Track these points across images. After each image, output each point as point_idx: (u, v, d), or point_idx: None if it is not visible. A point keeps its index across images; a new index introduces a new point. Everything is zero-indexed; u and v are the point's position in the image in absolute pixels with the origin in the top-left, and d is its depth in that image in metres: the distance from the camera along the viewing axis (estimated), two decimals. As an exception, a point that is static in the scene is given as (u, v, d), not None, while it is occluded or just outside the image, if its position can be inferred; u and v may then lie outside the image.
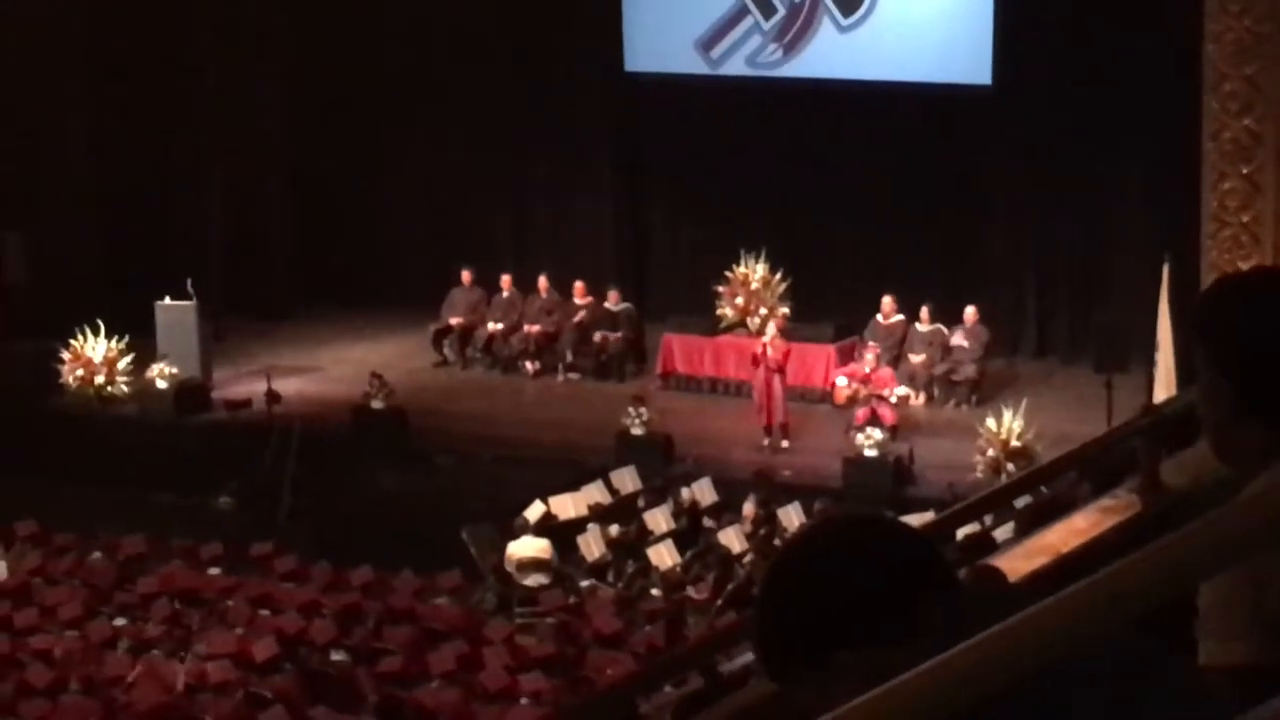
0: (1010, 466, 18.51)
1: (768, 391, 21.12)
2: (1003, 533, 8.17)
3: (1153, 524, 6.11)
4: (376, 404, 22.16)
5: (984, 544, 6.80)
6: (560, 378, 24.01)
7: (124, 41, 25.49)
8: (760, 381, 21.20)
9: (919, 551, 2.40)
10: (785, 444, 21.01)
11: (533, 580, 17.98)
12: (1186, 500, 6.08)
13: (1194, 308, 2.99)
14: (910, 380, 21.92)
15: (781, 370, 21.19)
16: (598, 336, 23.78)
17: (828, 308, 23.56)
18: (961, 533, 7.17)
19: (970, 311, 22.27)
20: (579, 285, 24.23)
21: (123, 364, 23.31)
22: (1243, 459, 2.85)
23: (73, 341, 23.33)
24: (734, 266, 23.40)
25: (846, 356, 22.28)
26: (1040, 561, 6.13)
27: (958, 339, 22.25)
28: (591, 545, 18.74)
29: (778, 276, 23.32)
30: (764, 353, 21.15)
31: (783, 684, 2.40)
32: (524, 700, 14.61)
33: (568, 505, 19.33)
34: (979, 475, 18.85)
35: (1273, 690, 2.56)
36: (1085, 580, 1.93)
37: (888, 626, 2.30)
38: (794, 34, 24.12)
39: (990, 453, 19.27)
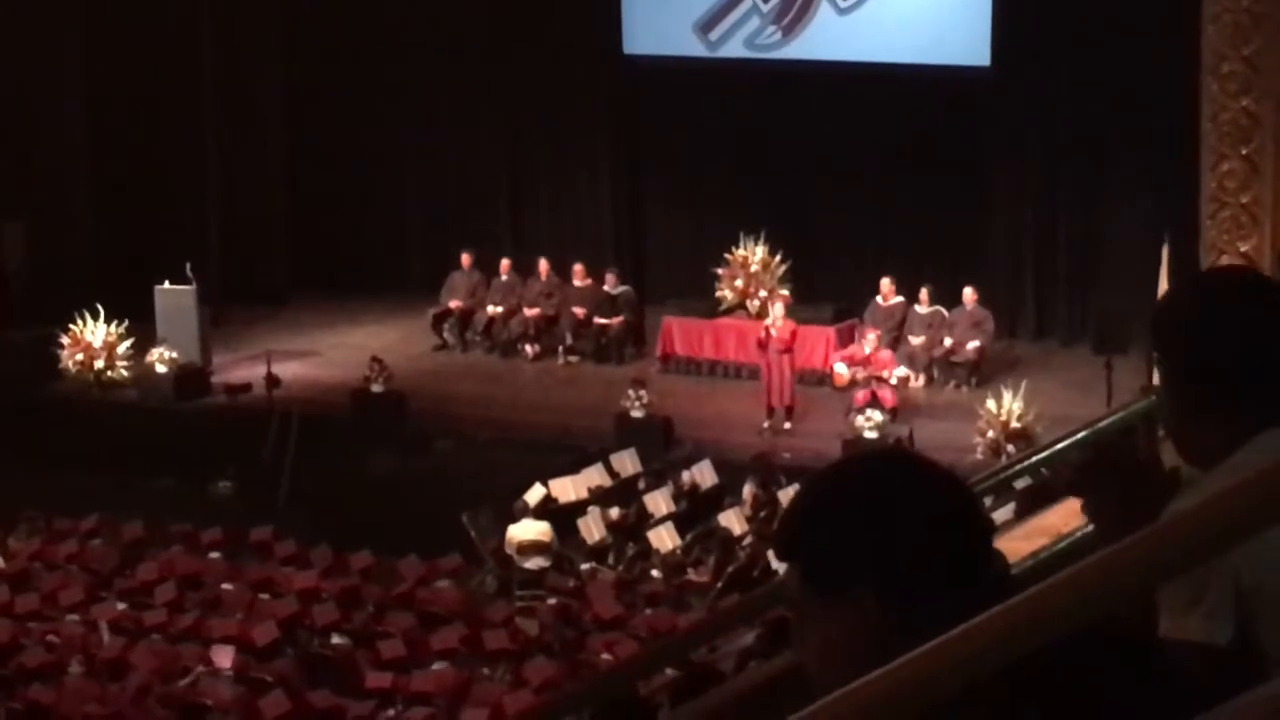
0: (1010, 448, 18.50)
1: (775, 374, 21.07)
2: (1003, 514, 8.17)
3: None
4: (376, 388, 22.16)
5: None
6: (560, 361, 23.99)
7: (121, 28, 25.45)
8: (767, 364, 21.16)
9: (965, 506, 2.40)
10: (788, 426, 20.98)
11: (533, 563, 17.96)
12: (1187, 483, 6.06)
13: (1155, 314, 3.08)
14: (910, 362, 21.92)
15: (788, 351, 21.15)
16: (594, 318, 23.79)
17: (827, 290, 23.55)
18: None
19: (969, 293, 22.26)
20: (578, 268, 24.21)
21: (122, 349, 23.29)
22: (1206, 456, 2.93)
23: (72, 327, 23.30)
24: (733, 248, 23.36)
25: (846, 338, 22.27)
26: (1040, 542, 6.12)
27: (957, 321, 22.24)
28: (592, 528, 18.73)
29: (777, 259, 23.29)
30: (768, 335, 21.11)
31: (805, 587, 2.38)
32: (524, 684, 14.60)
33: (568, 488, 19.32)
34: (979, 457, 18.85)
35: (1234, 670, 2.57)
36: (1073, 567, 1.92)
37: (919, 575, 2.29)
38: (793, 16, 24.07)
39: (990, 434, 19.26)
